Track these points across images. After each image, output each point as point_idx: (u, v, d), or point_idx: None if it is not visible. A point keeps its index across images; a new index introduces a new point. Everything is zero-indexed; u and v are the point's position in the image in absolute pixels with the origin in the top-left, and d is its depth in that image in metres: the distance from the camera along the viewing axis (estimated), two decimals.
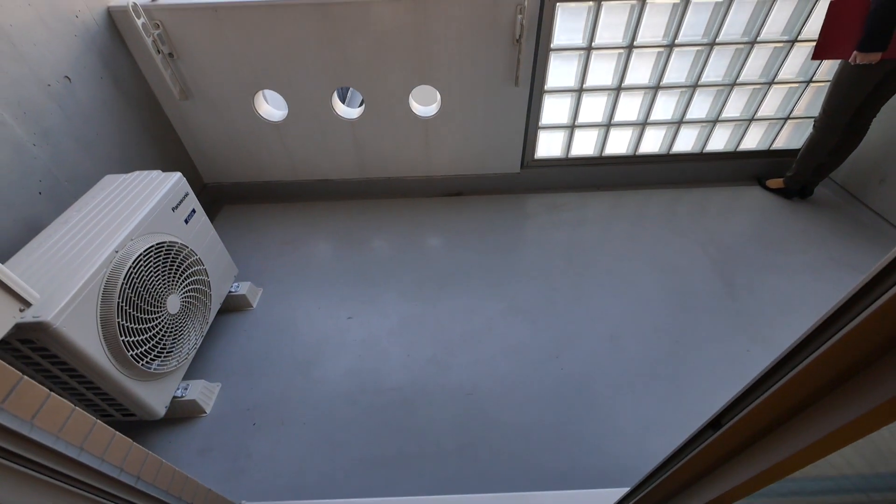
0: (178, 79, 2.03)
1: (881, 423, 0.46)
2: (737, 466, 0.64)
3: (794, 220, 2.29)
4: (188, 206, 1.52)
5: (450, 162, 2.44)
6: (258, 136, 2.29)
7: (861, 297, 0.47)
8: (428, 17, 1.90)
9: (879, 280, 0.44)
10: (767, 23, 2.03)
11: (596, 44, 2.04)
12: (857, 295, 0.47)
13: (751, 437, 0.61)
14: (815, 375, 0.54)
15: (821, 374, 0.53)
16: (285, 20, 1.89)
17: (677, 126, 2.37)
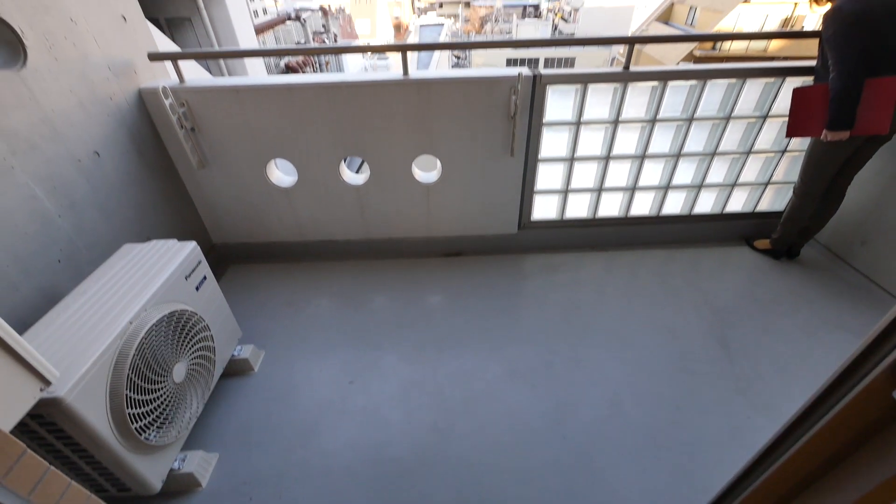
0: (197, 150, 2.18)
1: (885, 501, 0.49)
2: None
3: (783, 281, 2.37)
4: (200, 273, 1.59)
5: (450, 223, 2.55)
6: (267, 200, 2.41)
7: (846, 378, 0.51)
8: (430, 97, 2.08)
9: (863, 359, 0.49)
10: (739, 101, 2.23)
11: (584, 119, 2.22)
12: (841, 376, 0.51)
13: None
14: (808, 456, 0.57)
15: (813, 457, 0.56)
16: (299, 98, 2.07)
17: (665, 190, 2.51)
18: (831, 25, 1.76)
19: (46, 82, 1.55)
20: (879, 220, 2.24)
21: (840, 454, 0.52)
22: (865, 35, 1.72)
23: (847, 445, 0.51)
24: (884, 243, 2.24)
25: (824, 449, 0.52)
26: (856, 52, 1.73)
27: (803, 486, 0.57)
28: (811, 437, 0.52)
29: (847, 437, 0.49)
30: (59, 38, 1.60)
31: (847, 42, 1.73)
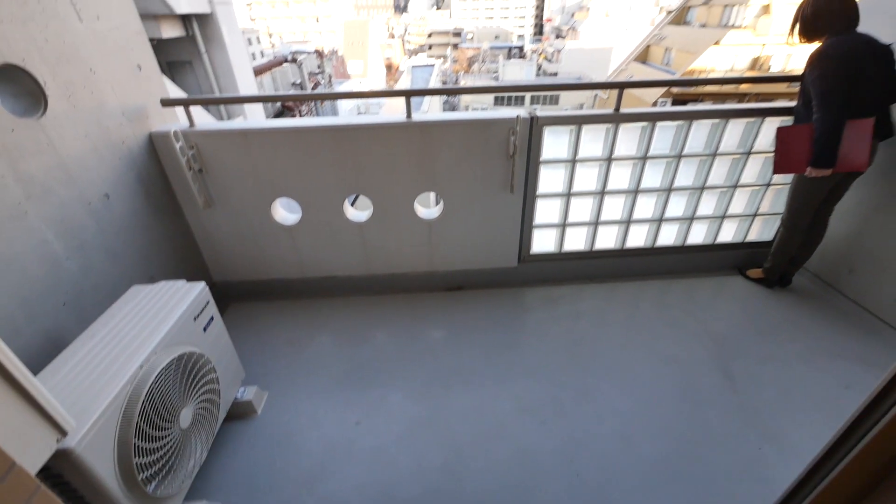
0: (203, 190, 2.22)
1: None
2: None
3: (778, 309, 2.42)
4: (208, 314, 1.58)
5: (452, 258, 2.58)
6: (270, 238, 2.43)
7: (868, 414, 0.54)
8: (432, 138, 2.17)
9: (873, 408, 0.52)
10: (724, 139, 2.36)
11: (579, 157, 2.33)
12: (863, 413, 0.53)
13: None
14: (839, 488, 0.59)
15: (842, 489, 0.58)
16: (305, 140, 2.14)
17: (658, 223, 2.60)
18: (818, 67, 1.88)
19: (64, 129, 1.59)
20: (863, 249, 2.34)
21: (866, 487, 0.54)
22: (849, 78, 1.83)
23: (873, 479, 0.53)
24: (870, 271, 2.32)
25: (852, 482, 0.54)
26: (840, 95, 1.84)
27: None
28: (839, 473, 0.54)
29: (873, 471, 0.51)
30: (78, 88, 1.66)
31: (832, 85, 1.84)
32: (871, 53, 1.84)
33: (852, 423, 0.55)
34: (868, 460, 0.52)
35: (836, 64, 1.84)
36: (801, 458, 1.62)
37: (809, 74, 1.92)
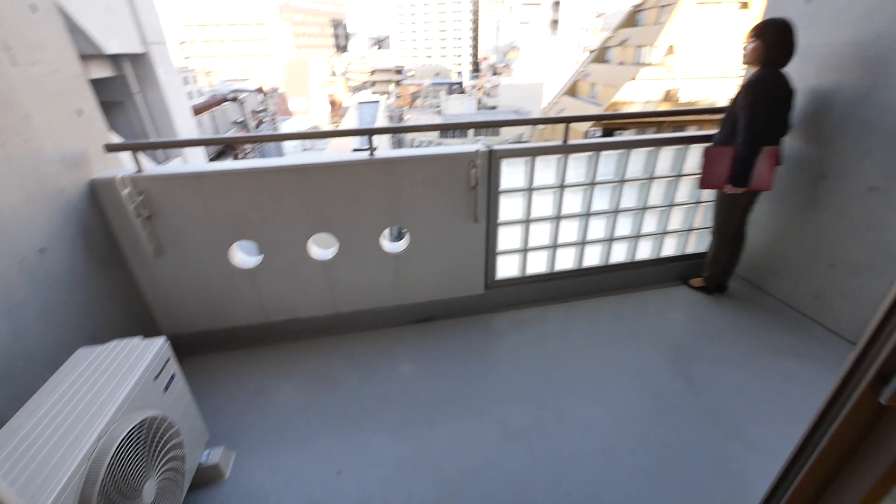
0: (153, 238, 2.08)
1: None
2: None
3: (720, 314, 2.66)
4: (169, 372, 1.46)
5: (419, 290, 2.59)
6: (228, 284, 2.31)
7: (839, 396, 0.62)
8: (395, 174, 2.22)
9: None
10: (658, 165, 2.63)
11: (535, 185, 2.48)
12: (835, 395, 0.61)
13: None
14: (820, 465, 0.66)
15: (824, 465, 0.65)
16: (266, 181, 2.10)
17: (609, 242, 2.79)
18: (750, 95, 2.13)
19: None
20: (782, 254, 2.66)
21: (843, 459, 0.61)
22: (771, 109, 2.14)
23: (847, 451, 0.61)
24: (790, 273, 2.64)
25: (832, 460, 0.62)
26: (762, 124, 2.14)
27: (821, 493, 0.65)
28: (820, 452, 0.62)
29: (847, 444, 0.59)
30: (11, 136, 1.53)
31: (758, 113, 2.13)
32: (786, 90, 2.17)
33: (815, 422, 0.64)
34: (832, 452, 0.60)
35: (764, 95, 2.13)
36: (762, 450, 1.77)
37: (742, 100, 2.17)
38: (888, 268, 2.11)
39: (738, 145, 2.20)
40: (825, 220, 2.38)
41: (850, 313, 2.33)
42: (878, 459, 0.57)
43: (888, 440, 0.58)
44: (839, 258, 2.33)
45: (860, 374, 0.58)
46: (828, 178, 2.35)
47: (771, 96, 2.14)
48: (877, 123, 2.09)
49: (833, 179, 2.32)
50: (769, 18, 2.12)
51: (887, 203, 2.09)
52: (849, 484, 0.61)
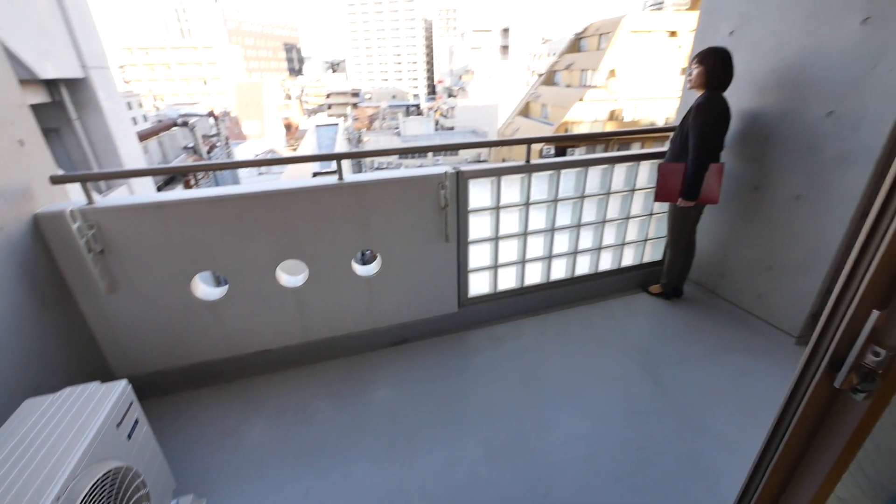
0: (106, 274, 1.94)
1: None
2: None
3: (679, 317, 2.84)
4: (132, 417, 1.36)
5: (393, 312, 2.57)
6: (190, 317, 2.19)
7: (799, 386, 0.69)
8: (366, 197, 2.22)
9: None
10: (614, 181, 2.81)
11: (502, 204, 2.56)
12: (796, 385, 0.68)
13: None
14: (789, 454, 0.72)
15: (793, 453, 0.71)
16: (232, 209, 2.04)
17: (574, 255, 2.92)
18: (702, 116, 2.34)
19: None
20: (728, 258, 2.90)
21: (807, 443, 0.68)
22: (717, 131, 2.36)
23: (810, 435, 0.68)
24: (736, 275, 2.87)
25: (799, 444, 0.68)
26: (711, 143, 2.37)
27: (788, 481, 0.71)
28: (787, 440, 0.68)
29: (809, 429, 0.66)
30: None
31: (709, 133, 2.35)
32: (727, 112, 2.40)
33: (780, 413, 0.71)
34: (797, 438, 0.67)
35: (716, 117, 2.35)
36: (728, 443, 1.88)
37: (693, 119, 2.37)
38: (816, 267, 2.35)
39: (689, 162, 2.40)
40: (761, 227, 2.63)
41: (787, 309, 2.56)
42: (837, 438, 0.64)
43: (845, 419, 0.65)
44: (775, 261, 2.57)
45: (816, 363, 0.65)
46: (760, 189, 2.61)
47: (718, 117, 2.37)
48: (796, 139, 2.37)
49: (764, 190, 2.58)
50: (710, 47, 2.35)
51: (811, 210, 2.35)
52: (814, 465, 0.68)
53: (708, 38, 2.77)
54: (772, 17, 2.42)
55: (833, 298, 0.61)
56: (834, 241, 2.25)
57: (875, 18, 1.98)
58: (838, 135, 2.18)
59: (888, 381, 0.58)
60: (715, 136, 2.40)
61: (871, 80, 2.02)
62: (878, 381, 0.59)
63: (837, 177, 2.21)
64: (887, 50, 1.95)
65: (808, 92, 2.28)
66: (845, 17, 2.09)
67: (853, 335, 0.58)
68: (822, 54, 2.20)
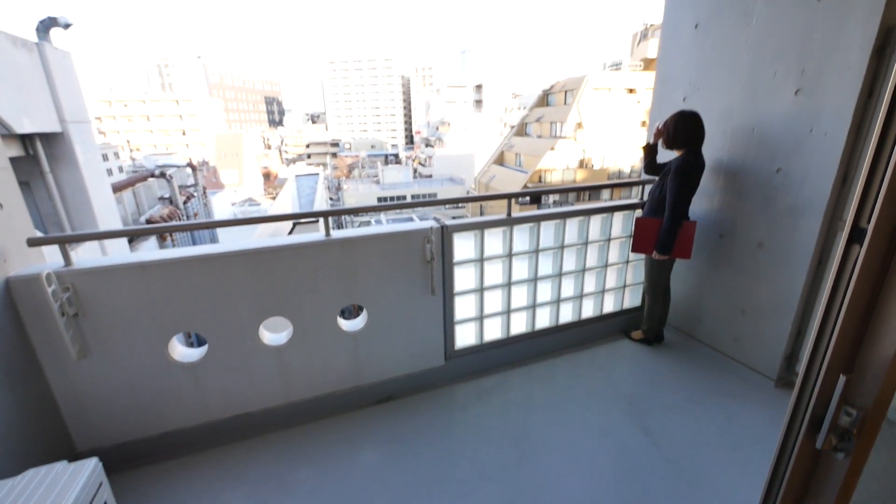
0: (78, 339, 1.85)
1: None
2: None
3: (661, 362, 2.89)
4: (101, 498, 1.25)
5: (379, 368, 2.52)
6: (166, 382, 2.08)
7: (784, 448, 0.72)
8: (352, 253, 2.25)
9: None
10: (590, 231, 2.95)
11: (485, 256, 2.63)
12: (782, 447, 0.71)
13: None
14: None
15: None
16: (216, 267, 2.02)
17: (557, 304, 2.98)
18: (678, 179, 2.50)
19: None
20: (703, 304, 3.02)
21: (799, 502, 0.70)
22: (692, 191, 2.55)
23: (799, 499, 0.70)
24: (711, 320, 2.98)
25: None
26: (686, 203, 2.56)
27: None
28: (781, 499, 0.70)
29: (799, 491, 0.68)
30: None
31: (683, 195, 2.53)
32: (703, 168, 2.58)
33: (770, 478, 0.74)
34: (796, 474, 0.69)
35: (689, 179, 2.52)
36: (723, 495, 1.87)
37: (672, 180, 2.54)
38: (785, 311, 2.48)
39: (665, 220, 2.57)
40: (731, 273, 2.78)
41: (763, 352, 2.66)
42: (824, 500, 0.67)
43: (829, 478, 0.69)
44: (747, 305, 2.70)
45: (796, 428, 0.69)
46: (725, 237, 2.79)
47: (694, 180, 2.56)
48: (753, 192, 2.58)
49: (729, 238, 2.76)
50: (680, 110, 2.58)
51: (773, 257, 2.52)
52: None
53: (665, 103, 3.07)
54: (717, 87, 2.72)
55: (804, 365, 0.66)
56: (797, 286, 2.40)
57: (805, 90, 2.26)
58: (788, 189, 2.39)
59: (863, 440, 0.62)
60: (689, 198, 2.59)
61: (809, 142, 2.27)
62: (853, 440, 0.63)
63: (791, 227, 2.40)
64: (819, 117, 2.21)
65: (759, 151, 2.52)
66: (779, 89, 2.37)
67: (827, 398, 0.63)
68: (765, 119, 2.47)
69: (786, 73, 2.33)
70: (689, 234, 2.64)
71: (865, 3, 1.98)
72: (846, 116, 2.10)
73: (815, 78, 2.21)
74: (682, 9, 2.88)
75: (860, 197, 0.59)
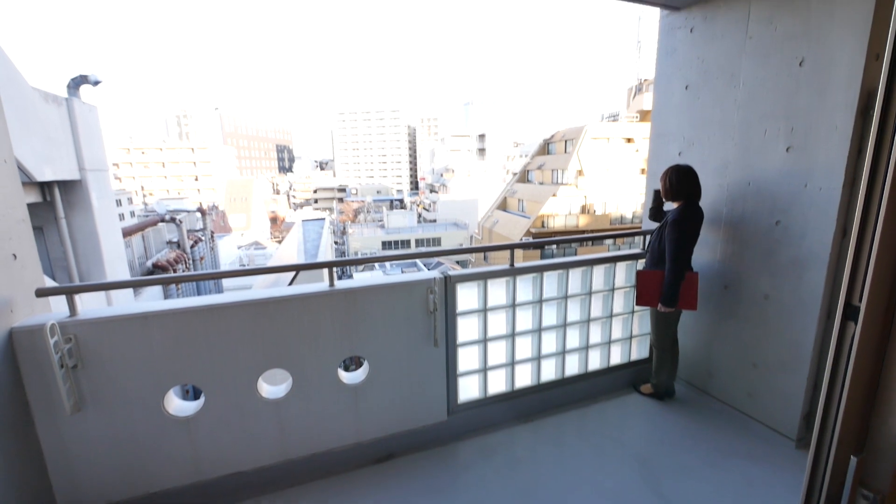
0: (74, 391, 1.82)
1: None
2: None
3: (673, 419, 2.77)
4: None
5: (379, 423, 2.43)
6: (159, 438, 2.01)
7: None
8: (356, 303, 2.25)
9: None
10: (594, 280, 2.94)
11: (489, 306, 2.62)
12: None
13: None
14: None
15: None
16: (219, 318, 2.01)
17: (562, 355, 2.92)
18: (677, 231, 2.53)
19: None
20: (713, 356, 2.94)
21: None
22: (692, 241, 2.57)
23: None
24: (722, 374, 2.89)
25: None
26: (687, 255, 2.56)
27: None
28: None
29: None
30: None
31: (683, 247, 2.54)
32: (702, 220, 2.62)
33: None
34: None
35: (689, 231, 2.55)
36: None
37: (670, 233, 2.56)
38: (799, 366, 2.41)
39: (667, 272, 2.57)
40: (738, 325, 2.74)
41: (780, 409, 2.55)
42: None
43: None
44: (758, 358, 2.63)
45: None
46: (730, 288, 2.77)
47: (694, 232, 2.59)
48: (754, 244, 2.60)
49: (734, 289, 2.74)
50: (675, 164, 2.65)
51: (780, 309, 2.48)
52: None
53: (661, 157, 3.18)
54: (711, 143, 2.82)
55: (813, 444, 0.63)
56: (808, 341, 2.35)
57: (796, 148, 2.34)
58: (789, 241, 2.41)
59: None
60: (689, 249, 2.61)
61: (805, 196, 2.32)
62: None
63: (796, 279, 2.39)
64: (812, 173, 2.28)
65: (756, 204, 2.57)
66: (771, 146, 2.46)
67: (840, 479, 0.60)
68: (760, 174, 2.54)
69: (776, 132, 2.43)
70: (693, 285, 2.63)
71: (845, 67, 2.10)
72: (839, 172, 2.16)
73: (804, 136, 2.30)
74: (672, 72, 3.06)
75: (850, 275, 0.59)
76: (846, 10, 2.08)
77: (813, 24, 2.21)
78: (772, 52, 2.42)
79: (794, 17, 2.29)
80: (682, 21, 2.95)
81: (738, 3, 2.56)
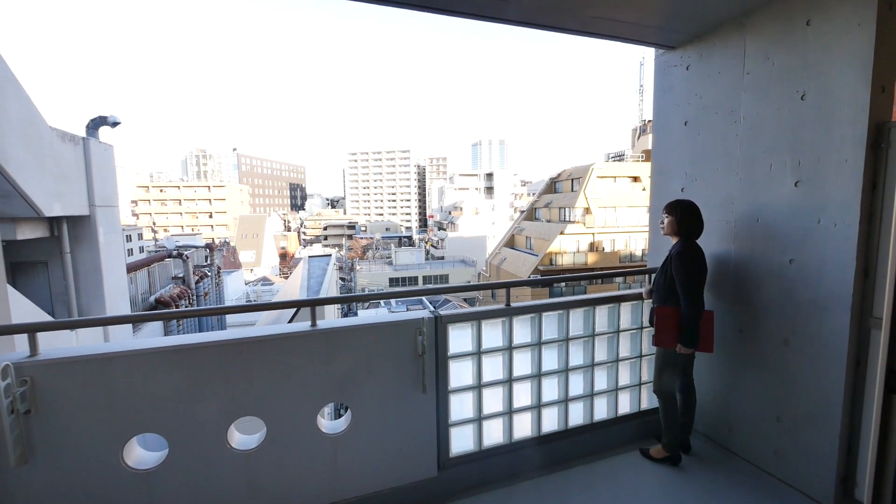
0: (22, 440, 1.66)
1: None
2: None
3: (693, 481, 2.47)
4: None
5: (361, 479, 2.20)
6: (112, 493, 1.82)
7: None
8: (338, 344, 2.10)
9: None
10: (597, 322, 2.76)
11: (483, 349, 2.44)
12: None
13: None
14: None
15: None
16: (191, 359, 1.88)
17: (565, 403, 2.68)
18: (682, 266, 2.37)
19: None
20: (732, 408, 2.68)
21: None
22: (701, 274, 2.42)
23: None
24: (744, 427, 2.61)
25: None
26: (699, 286, 2.39)
27: None
28: None
29: None
30: None
31: (693, 280, 2.37)
32: (703, 259, 2.47)
33: None
34: None
35: (694, 264, 2.40)
36: None
37: (676, 268, 2.40)
38: (829, 422, 2.15)
39: (683, 309, 2.38)
40: (757, 372, 2.50)
41: (812, 471, 2.26)
42: None
43: None
44: (782, 411, 2.37)
45: None
46: (744, 331, 2.56)
47: (699, 264, 2.43)
48: (768, 283, 2.42)
49: (750, 333, 2.53)
50: (677, 199, 2.54)
51: (802, 356, 2.26)
52: None
53: (663, 193, 3.07)
54: (713, 178, 2.72)
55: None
56: (837, 392, 2.11)
57: (805, 182, 2.22)
58: (806, 281, 2.23)
59: None
60: (701, 280, 2.44)
61: (819, 232, 2.17)
62: None
63: (817, 322, 2.19)
64: (825, 207, 2.14)
65: (766, 241, 2.42)
66: (778, 181, 2.34)
67: None
68: (768, 209, 2.41)
69: (782, 166, 2.32)
70: (709, 324, 2.44)
71: (850, 101, 2.02)
72: (854, 208, 2.02)
73: (812, 170, 2.19)
74: (670, 108, 3.02)
75: (888, 343, 0.45)
76: (844, 44, 2.03)
77: (811, 58, 2.16)
78: (771, 87, 2.36)
79: (791, 53, 2.25)
80: (678, 59, 2.94)
81: (733, 40, 2.55)
